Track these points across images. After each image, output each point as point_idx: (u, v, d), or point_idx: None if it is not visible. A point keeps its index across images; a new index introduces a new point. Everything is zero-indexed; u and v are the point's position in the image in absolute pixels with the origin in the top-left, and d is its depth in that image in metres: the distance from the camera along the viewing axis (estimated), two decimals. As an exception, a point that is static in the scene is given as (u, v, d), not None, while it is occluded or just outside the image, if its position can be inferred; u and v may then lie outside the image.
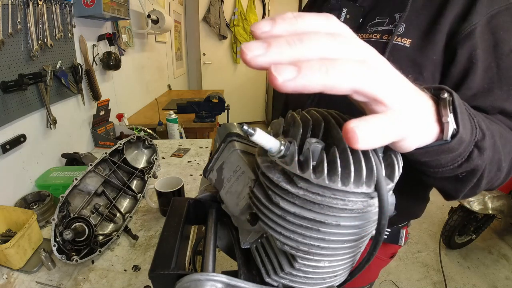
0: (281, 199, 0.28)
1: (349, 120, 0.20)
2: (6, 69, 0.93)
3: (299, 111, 0.34)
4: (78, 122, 1.42)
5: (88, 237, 0.78)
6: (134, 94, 2.25)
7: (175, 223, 0.40)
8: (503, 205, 1.88)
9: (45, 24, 1.07)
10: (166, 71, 3.20)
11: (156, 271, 0.32)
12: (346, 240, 0.29)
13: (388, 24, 0.54)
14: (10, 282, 0.73)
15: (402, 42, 0.52)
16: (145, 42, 2.49)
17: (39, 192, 1.03)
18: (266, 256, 0.33)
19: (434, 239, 2.26)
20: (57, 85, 1.20)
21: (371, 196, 0.27)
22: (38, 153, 1.13)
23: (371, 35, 0.55)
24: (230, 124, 0.46)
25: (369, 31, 0.55)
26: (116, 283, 0.73)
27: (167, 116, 1.82)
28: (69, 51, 1.27)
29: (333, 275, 0.32)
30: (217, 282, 0.29)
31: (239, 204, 0.36)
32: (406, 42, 0.51)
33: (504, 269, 2.02)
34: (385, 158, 0.29)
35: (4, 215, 0.84)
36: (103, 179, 0.90)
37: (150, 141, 1.11)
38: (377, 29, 0.54)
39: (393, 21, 0.53)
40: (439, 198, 0.51)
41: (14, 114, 0.99)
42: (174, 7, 3.44)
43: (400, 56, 0.51)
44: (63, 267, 0.77)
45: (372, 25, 0.55)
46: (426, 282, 1.90)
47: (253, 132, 0.26)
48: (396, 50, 0.51)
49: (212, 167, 0.44)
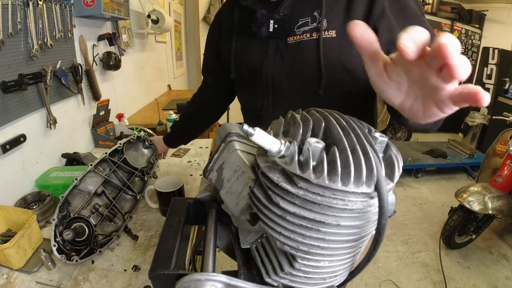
0: (281, 199, 0.28)
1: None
2: (6, 69, 0.93)
3: (299, 111, 0.34)
4: (78, 122, 1.42)
5: (88, 237, 0.78)
6: (134, 94, 2.25)
7: (175, 223, 0.40)
8: (503, 205, 1.88)
9: (45, 24, 1.07)
10: (166, 71, 3.20)
11: (156, 271, 0.32)
12: (346, 240, 0.29)
13: (312, 23, 0.62)
14: (10, 282, 0.73)
15: (329, 35, 0.61)
16: (145, 42, 2.49)
17: (39, 192, 1.03)
18: (266, 256, 0.33)
19: (434, 239, 2.26)
20: (57, 85, 1.20)
21: (371, 196, 0.27)
22: (38, 153, 1.13)
23: (301, 35, 0.64)
24: (230, 124, 0.46)
25: (298, 33, 0.64)
26: (116, 283, 0.73)
27: (167, 116, 1.82)
28: (69, 51, 1.27)
29: (333, 275, 0.32)
30: (217, 282, 0.29)
31: (239, 204, 0.36)
32: (332, 33, 0.61)
33: (504, 269, 2.02)
34: (385, 158, 0.29)
35: (4, 215, 0.84)
36: (103, 179, 0.90)
37: (150, 141, 1.10)
38: (305, 30, 0.63)
39: (315, 19, 0.62)
40: (439, 198, 0.51)
41: (14, 114, 0.99)
42: (174, 7, 3.44)
43: (332, 45, 0.62)
44: (63, 267, 0.77)
45: (299, 27, 0.64)
46: (426, 282, 1.90)
47: (253, 132, 0.26)
48: (327, 42, 0.61)
49: (212, 167, 0.44)
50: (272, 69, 0.69)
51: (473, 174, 3.22)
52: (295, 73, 0.68)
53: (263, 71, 0.71)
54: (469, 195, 1.89)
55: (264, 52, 0.70)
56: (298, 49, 0.65)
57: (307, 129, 0.29)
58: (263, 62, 0.70)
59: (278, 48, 0.67)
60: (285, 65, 0.68)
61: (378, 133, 0.30)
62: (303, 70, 0.66)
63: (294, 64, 0.67)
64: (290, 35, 0.65)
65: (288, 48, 0.66)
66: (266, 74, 0.71)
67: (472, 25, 4.49)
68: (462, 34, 4.38)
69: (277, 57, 0.68)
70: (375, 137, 0.29)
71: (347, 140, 0.27)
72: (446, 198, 2.72)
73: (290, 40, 0.66)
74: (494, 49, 3.97)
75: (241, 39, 0.74)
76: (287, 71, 0.68)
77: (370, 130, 0.31)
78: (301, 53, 0.65)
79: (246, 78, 0.76)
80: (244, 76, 0.77)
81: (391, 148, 0.30)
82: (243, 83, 0.80)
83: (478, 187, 1.95)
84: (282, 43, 0.67)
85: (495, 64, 3.97)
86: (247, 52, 0.73)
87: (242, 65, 0.75)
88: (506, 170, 1.95)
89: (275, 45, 0.68)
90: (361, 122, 0.32)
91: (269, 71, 0.70)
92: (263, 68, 0.70)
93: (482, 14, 4.54)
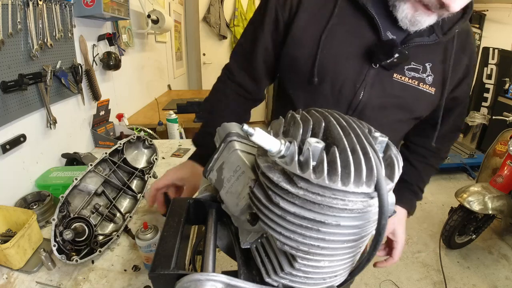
0: (281, 199, 0.28)
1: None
2: (6, 69, 0.93)
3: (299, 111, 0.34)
4: (78, 122, 1.42)
5: (88, 237, 0.78)
6: (134, 94, 2.25)
7: (175, 223, 0.40)
8: (503, 205, 1.88)
9: (45, 24, 1.07)
10: (166, 71, 3.20)
11: (156, 271, 0.32)
12: (346, 240, 0.29)
13: (422, 73, 0.64)
14: (10, 282, 0.73)
15: (430, 90, 0.65)
16: (145, 42, 2.49)
17: (39, 192, 1.03)
18: (266, 256, 0.33)
19: (434, 239, 2.26)
20: (57, 85, 1.20)
21: (371, 196, 0.27)
22: (38, 153, 1.13)
23: (410, 79, 0.64)
24: (230, 124, 0.46)
25: (407, 75, 0.64)
26: (116, 283, 0.73)
27: (167, 116, 1.82)
28: (69, 51, 1.27)
29: (333, 275, 0.32)
30: (217, 282, 0.29)
31: (239, 204, 0.36)
32: (432, 91, 0.65)
33: (504, 269, 2.02)
34: (385, 158, 0.29)
35: (4, 215, 0.84)
36: (103, 179, 0.90)
37: (150, 141, 1.10)
38: (414, 76, 0.64)
39: (425, 70, 0.64)
40: (439, 198, 0.51)
41: (14, 114, 0.99)
42: (174, 7, 3.44)
43: (428, 99, 0.66)
44: (63, 267, 0.77)
45: (409, 70, 0.64)
46: (426, 282, 1.90)
47: (253, 132, 0.26)
48: (426, 95, 0.65)
49: (212, 167, 0.44)
50: (369, 95, 0.63)
51: (473, 174, 3.22)
52: (387, 110, 0.66)
53: (357, 95, 0.63)
54: (469, 195, 1.89)
55: (360, 72, 0.62)
56: (402, 90, 0.63)
57: (307, 129, 0.29)
58: (358, 86, 0.63)
59: (380, 78, 0.62)
60: (385, 97, 0.64)
61: (378, 133, 0.30)
62: (391, 111, 0.66)
63: (391, 101, 0.65)
64: (397, 71, 0.62)
65: (393, 84, 0.63)
66: (360, 98, 0.64)
67: (472, 25, 4.49)
68: (462, 34, 4.38)
69: (378, 86, 0.63)
70: (375, 137, 0.29)
71: (347, 140, 0.27)
72: (446, 198, 2.72)
73: (396, 77, 0.62)
74: (494, 49, 3.97)
75: (334, 38, 0.62)
76: (381, 105, 0.64)
77: (370, 130, 0.31)
78: (401, 94, 0.64)
79: (328, 91, 0.65)
80: (325, 87, 0.65)
81: (391, 148, 0.30)
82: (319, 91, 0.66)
83: (478, 187, 1.95)
84: (386, 76, 0.62)
85: (495, 64, 3.97)
86: (341, 61, 0.63)
87: (325, 72, 0.63)
88: (506, 170, 1.95)
89: (377, 74, 0.62)
90: (361, 122, 0.32)
91: (364, 97, 0.63)
92: (358, 93, 0.63)
93: (482, 14, 4.53)
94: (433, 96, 0.65)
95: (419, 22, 0.57)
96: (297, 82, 0.68)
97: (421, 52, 0.63)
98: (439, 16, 0.57)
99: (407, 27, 0.59)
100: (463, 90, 0.72)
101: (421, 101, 0.66)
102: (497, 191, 1.92)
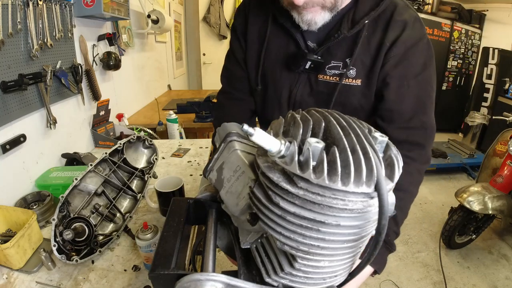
0: (281, 199, 0.28)
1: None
2: (6, 69, 0.93)
3: (299, 111, 0.34)
4: (78, 122, 1.42)
5: (88, 237, 0.78)
6: (134, 94, 2.25)
7: (175, 223, 0.40)
8: (503, 205, 1.88)
9: (45, 24, 1.07)
10: (166, 71, 3.20)
11: (156, 271, 0.32)
12: (346, 240, 0.29)
13: (342, 68, 0.69)
14: (10, 282, 0.73)
15: (356, 83, 0.69)
16: (145, 42, 2.49)
17: (39, 192, 1.03)
18: (266, 256, 0.33)
19: (434, 239, 2.26)
20: (57, 85, 1.20)
21: (371, 196, 0.27)
22: (38, 153, 1.13)
23: (330, 77, 0.70)
24: (230, 124, 0.46)
25: (328, 74, 0.71)
26: (116, 283, 0.73)
27: (167, 116, 1.82)
28: (69, 51, 1.27)
29: (333, 275, 0.32)
30: (217, 282, 0.29)
31: (239, 204, 0.36)
32: (358, 82, 0.69)
33: (504, 269, 2.02)
34: (385, 158, 0.29)
35: (4, 215, 0.84)
36: (103, 179, 0.90)
37: (150, 141, 1.10)
38: (335, 73, 0.70)
39: (346, 65, 0.68)
40: (439, 198, 0.51)
41: (14, 114, 0.99)
42: (174, 7, 3.43)
43: (355, 92, 0.70)
44: (63, 267, 0.77)
45: (330, 68, 0.70)
46: (426, 282, 1.90)
47: (253, 132, 0.26)
48: (352, 88, 0.69)
49: (212, 167, 0.44)
50: (301, 95, 0.75)
51: (473, 174, 3.21)
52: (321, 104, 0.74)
53: (292, 96, 0.76)
54: (469, 195, 1.89)
55: (293, 78, 0.75)
56: (326, 87, 0.72)
57: (307, 129, 0.29)
58: (292, 88, 0.76)
59: (309, 79, 0.74)
60: (313, 95, 0.75)
61: (378, 133, 0.30)
62: (327, 106, 0.73)
63: (321, 97, 0.74)
64: (320, 72, 0.71)
65: (318, 83, 0.73)
66: (295, 97, 0.76)
67: (472, 25, 4.48)
68: (462, 34, 4.37)
69: (307, 86, 0.74)
70: (375, 137, 0.29)
71: (347, 140, 0.27)
72: (446, 198, 2.72)
73: (320, 77, 0.72)
74: (494, 49, 3.97)
75: (270, 55, 0.77)
76: (314, 101, 0.75)
77: (370, 130, 0.31)
78: (327, 91, 0.72)
79: (273, 94, 0.80)
80: (269, 92, 0.80)
81: (391, 148, 0.30)
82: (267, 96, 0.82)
83: (478, 187, 1.95)
84: (313, 77, 0.73)
85: (495, 64, 3.97)
86: (276, 71, 0.77)
87: (268, 82, 0.79)
88: (506, 170, 1.95)
89: (307, 77, 0.74)
90: (361, 122, 0.32)
91: (298, 96, 0.76)
92: (292, 94, 0.76)
93: (482, 14, 4.53)
94: (361, 86, 0.69)
95: (311, 21, 0.64)
96: (251, 89, 0.85)
97: (340, 50, 0.69)
98: (331, 12, 0.64)
99: (308, 28, 0.66)
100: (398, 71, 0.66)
101: (350, 94, 0.71)
102: (497, 191, 1.92)
